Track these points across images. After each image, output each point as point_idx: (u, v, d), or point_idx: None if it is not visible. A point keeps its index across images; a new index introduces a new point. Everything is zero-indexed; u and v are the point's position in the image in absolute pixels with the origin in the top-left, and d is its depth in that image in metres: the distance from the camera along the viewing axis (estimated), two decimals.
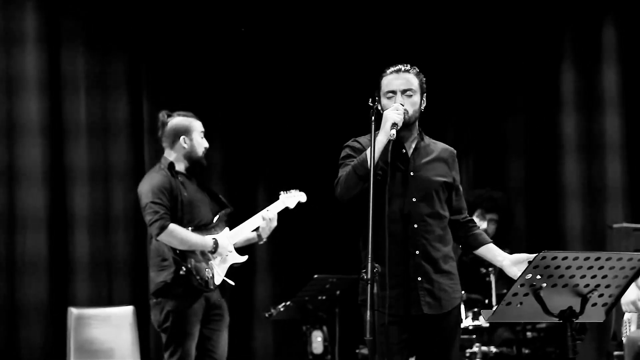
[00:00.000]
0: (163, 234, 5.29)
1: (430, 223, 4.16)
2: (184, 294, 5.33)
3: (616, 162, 7.60)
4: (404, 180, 4.17)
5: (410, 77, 4.25)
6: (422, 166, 4.22)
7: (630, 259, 3.76)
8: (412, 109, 4.20)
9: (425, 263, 4.12)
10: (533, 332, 6.63)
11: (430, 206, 4.17)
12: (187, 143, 5.52)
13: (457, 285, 4.25)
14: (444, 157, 4.30)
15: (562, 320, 3.82)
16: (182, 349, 5.34)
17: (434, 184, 4.20)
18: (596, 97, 7.74)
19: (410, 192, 4.15)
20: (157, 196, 5.34)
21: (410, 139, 4.26)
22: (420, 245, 4.12)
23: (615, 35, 7.69)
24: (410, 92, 4.21)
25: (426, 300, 4.11)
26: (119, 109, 7.66)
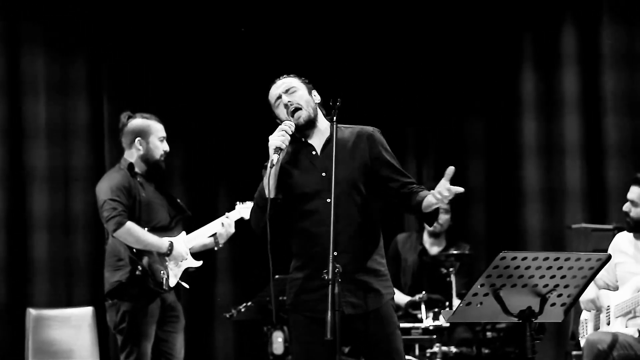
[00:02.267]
0: (120, 230, 5.27)
1: (349, 222, 4.10)
2: (140, 294, 5.31)
3: (575, 164, 7.67)
4: (318, 182, 4.13)
5: (287, 79, 4.27)
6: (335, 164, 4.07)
7: (588, 259, 3.80)
8: (303, 101, 4.18)
9: (345, 262, 3.98)
10: (492, 332, 6.67)
11: (348, 203, 4.11)
12: (143, 145, 5.49)
13: (385, 282, 4.17)
14: (359, 141, 4.21)
15: (521, 320, 3.84)
16: (139, 349, 5.33)
17: (349, 180, 4.13)
18: (556, 100, 7.79)
19: (324, 193, 4.09)
20: (116, 194, 5.33)
21: (317, 136, 4.21)
22: (339, 245, 3.99)
23: (574, 39, 7.75)
24: (293, 88, 4.22)
25: (349, 301, 4.05)
26: (79, 110, 7.62)
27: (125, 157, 5.53)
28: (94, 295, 7.20)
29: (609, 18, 7.59)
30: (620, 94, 7.53)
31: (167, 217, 5.54)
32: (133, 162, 5.49)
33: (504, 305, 3.80)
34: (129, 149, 5.53)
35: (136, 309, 5.32)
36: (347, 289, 4.03)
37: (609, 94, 7.56)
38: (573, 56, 7.73)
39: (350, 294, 4.07)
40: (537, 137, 7.83)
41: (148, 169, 5.52)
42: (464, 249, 7.14)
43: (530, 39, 7.94)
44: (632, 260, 5.61)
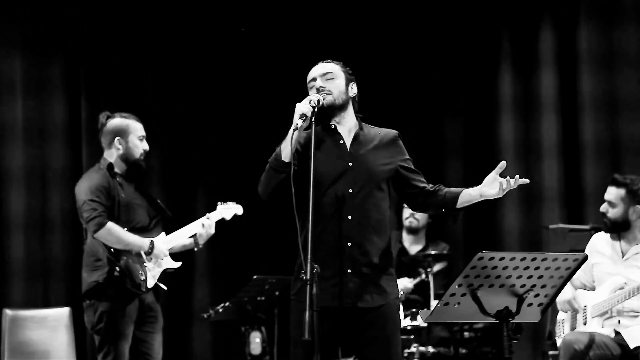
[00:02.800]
0: (101, 231, 5.25)
1: (367, 215, 4.11)
2: (117, 295, 5.29)
3: (553, 164, 7.70)
4: (343, 171, 4.14)
5: (330, 64, 4.27)
6: (362, 156, 4.18)
7: (565, 259, 3.81)
8: (336, 90, 4.20)
9: (357, 255, 4.07)
10: (470, 332, 6.69)
11: (368, 197, 4.13)
12: (122, 145, 5.46)
13: (392, 281, 4.18)
14: (385, 142, 4.26)
15: (498, 320, 3.85)
16: (116, 350, 5.30)
17: (374, 174, 4.16)
18: (533, 100, 7.82)
19: (347, 183, 4.12)
20: (95, 194, 5.31)
21: (348, 127, 4.24)
22: (353, 237, 4.07)
23: (552, 40, 7.78)
24: (331, 75, 4.22)
25: (355, 293, 4.06)
26: (56, 111, 7.60)
27: (104, 157, 5.51)
28: (71, 295, 7.17)
29: (586, 19, 7.63)
30: (597, 95, 7.57)
31: (146, 218, 5.52)
32: (113, 162, 5.47)
33: (481, 306, 3.81)
34: (109, 149, 5.51)
35: (114, 309, 5.30)
36: (354, 281, 4.06)
37: (586, 94, 7.60)
38: (550, 57, 7.77)
39: (359, 286, 4.08)
40: (514, 137, 7.86)
41: (128, 168, 5.50)
42: (442, 248, 7.15)
43: (508, 40, 7.97)
44: (608, 260, 5.64)
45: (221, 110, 8.10)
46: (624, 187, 5.60)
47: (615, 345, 5.41)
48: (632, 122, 7.45)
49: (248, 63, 8.08)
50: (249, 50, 8.08)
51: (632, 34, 7.48)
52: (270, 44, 8.05)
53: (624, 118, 7.49)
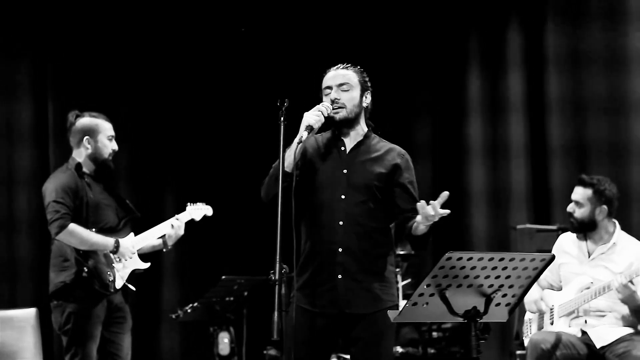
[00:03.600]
0: (62, 234, 5.22)
1: (359, 221, 4.12)
2: (85, 296, 5.26)
3: (520, 165, 7.74)
4: (337, 177, 4.15)
5: (348, 72, 4.26)
6: (358, 164, 4.18)
7: (532, 260, 3.83)
8: (350, 103, 4.20)
9: (348, 261, 4.09)
10: (438, 332, 6.71)
11: (361, 204, 4.13)
12: (91, 144, 5.43)
13: (388, 288, 4.18)
14: (388, 157, 4.25)
15: (466, 320, 3.86)
16: (83, 351, 5.28)
17: (367, 182, 4.16)
18: (501, 101, 7.86)
19: (340, 189, 4.13)
20: (61, 195, 5.27)
21: (352, 136, 4.24)
22: (344, 243, 4.09)
23: (519, 40, 7.82)
24: (347, 86, 4.21)
25: (347, 299, 4.08)
26: (23, 112, 7.55)
27: (73, 157, 5.47)
28: (38, 296, 7.13)
29: (553, 20, 7.67)
30: (564, 96, 7.61)
31: (115, 218, 5.49)
32: (81, 161, 5.43)
33: (449, 306, 3.81)
34: (77, 148, 5.47)
35: (82, 310, 5.27)
36: (348, 287, 4.08)
37: (553, 95, 7.65)
38: (518, 58, 7.80)
39: (351, 292, 4.09)
40: (482, 138, 7.89)
41: (96, 168, 5.47)
42: (410, 249, 7.17)
43: (476, 41, 8.00)
44: (575, 260, 5.68)
45: (190, 110, 8.08)
46: (591, 187, 5.64)
47: (582, 345, 5.45)
48: (599, 123, 7.50)
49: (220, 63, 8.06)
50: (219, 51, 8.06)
51: (598, 35, 7.53)
52: None
53: (591, 119, 7.53)
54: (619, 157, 7.41)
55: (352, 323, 4.11)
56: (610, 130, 7.48)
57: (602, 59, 7.52)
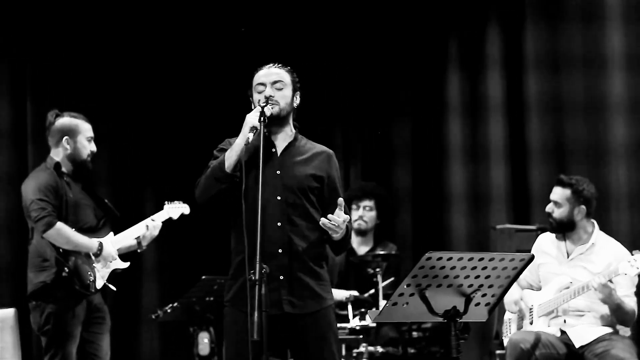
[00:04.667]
0: (50, 231, 5.19)
1: (296, 222, 4.14)
2: (65, 296, 5.24)
3: (500, 166, 7.76)
4: (271, 179, 4.15)
5: (281, 71, 4.26)
6: (291, 165, 4.20)
7: (512, 260, 3.85)
8: (283, 101, 4.20)
9: (289, 261, 4.10)
10: (418, 331, 6.71)
11: (297, 204, 4.15)
12: (70, 145, 5.41)
13: (326, 287, 4.20)
14: (318, 157, 4.27)
15: (446, 320, 3.88)
16: (63, 351, 5.26)
17: (301, 183, 4.17)
18: (481, 102, 7.88)
19: (276, 190, 4.14)
20: (44, 194, 5.24)
21: (282, 136, 4.25)
22: (284, 243, 4.10)
23: (498, 41, 7.84)
24: (281, 84, 4.22)
25: (289, 299, 4.09)
26: (2, 112, 7.51)
27: (51, 156, 5.44)
28: (17, 296, 7.09)
29: (531, 21, 7.70)
30: (543, 97, 7.64)
31: (94, 218, 5.47)
32: (59, 161, 5.41)
33: (429, 305, 3.83)
34: (56, 148, 5.45)
35: (61, 310, 5.25)
36: (287, 287, 4.09)
37: (532, 97, 7.67)
38: (497, 59, 7.83)
39: (292, 292, 4.10)
40: (462, 139, 7.91)
41: (74, 168, 5.44)
42: (390, 249, 7.18)
43: (455, 42, 8.01)
44: (554, 260, 5.70)
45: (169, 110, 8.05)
46: (570, 188, 5.67)
47: (561, 345, 5.47)
48: (578, 124, 7.54)
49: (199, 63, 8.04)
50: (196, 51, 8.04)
51: (576, 36, 7.56)
52: None
53: (570, 120, 7.57)
54: (597, 158, 7.45)
55: (295, 323, 4.11)
56: (589, 131, 7.51)
57: (581, 60, 7.55)
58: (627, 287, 5.49)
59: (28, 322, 5.44)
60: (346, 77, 8.21)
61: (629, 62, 7.41)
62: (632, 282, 5.51)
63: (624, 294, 5.45)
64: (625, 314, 5.45)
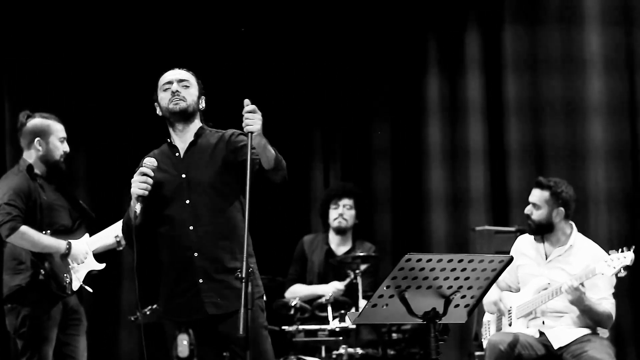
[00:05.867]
0: (13, 236, 5.16)
1: (209, 222, 4.15)
2: (41, 299, 5.22)
3: (479, 168, 7.78)
4: (179, 184, 4.19)
5: (186, 72, 4.34)
6: (195, 165, 4.21)
7: (491, 261, 3.86)
8: (190, 98, 4.26)
9: (206, 263, 4.11)
10: (398, 333, 6.72)
11: (207, 204, 4.16)
12: (42, 146, 5.38)
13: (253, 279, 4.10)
14: (219, 146, 4.27)
15: (426, 321, 3.88)
16: (39, 354, 5.24)
17: (209, 181, 4.19)
18: (460, 104, 7.90)
19: (183, 195, 4.17)
20: (12, 198, 5.20)
21: (186, 138, 4.28)
22: (199, 246, 4.12)
23: (477, 43, 7.86)
24: (187, 83, 4.29)
25: (211, 301, 4.11)
26: None
27: (24, 158, 5.41)
28: None
29: (510, 22, 7.73)
30: (522, 99, 7.67)
31: (69, 220, 5.44)
32: (32, 162, 5.37)
33: (409, 307, 3.83)
34: (28, 150, 5.41)
35: (37, 313, 5.23)
36: (210, 289, 4.11)
37: (511, 98, 7.70)
38: (477, 61, 7.84)
39: (214, 293, 4.13)
40: (441, 141, 7.92)
41: (48, 169, 5.41)
42: (369, 249, 7.18)
43: (435, 44, 8.02)
44: (533, 262, 5.72)
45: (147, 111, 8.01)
46: (548, 190, 5.69)
47: (540, 346, 5.49)
48: (556, 126, 7.57)
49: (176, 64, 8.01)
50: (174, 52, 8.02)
51: (555, 38, 7.60)
52: None
53: (549, 122, 7.60)
54: (576, 160, 7.48)
55: (221, 324, 4.12)
56: (567, 133, 7.55)
57: (560, 62, 7.59)
58: (605, 289, 5.51)
59: (5, 324, 5.41)
60: (326, 78, 8.21)
61: (607, 64, 7.45)
62: (610, 284, 5.53)
63: (602, 297, 5.48)
64: (597, 316, 5.47)
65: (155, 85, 4.43)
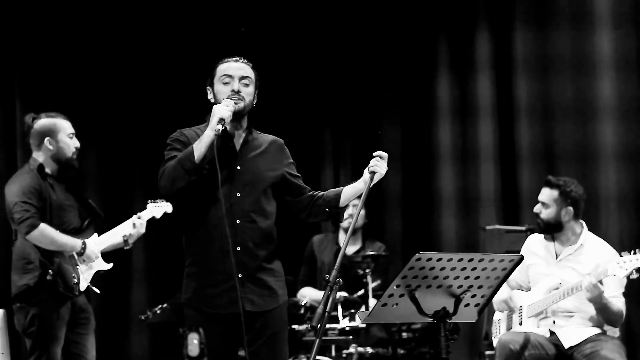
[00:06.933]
0: (33, 233, 5.17)
1: (255, 219, 4.13)
2: (49, 298, 5.23)
3: (489, 168, 7.78)
4: (231, 174, 4.14)
5: (248, 67, 4.25)
6: (250, 160, 4.20)
7: (501, 260, 3.85)
8: (248, 98, 4.20)
9: (247, 259, 4.10)
10: (408, 332, 6.73)
11: (256, 201, 4.15)
12: (53, 145, 5.39)
13: (282, 282, 4.22)
14: (272, 149, 4.28)
15: (436, 320, 3.88)
16: (48, 353, 5.26)
17: (262, 179, 4.18)
18: (470, 105, 7.90)
19: (236, 187, 4.13)
20: (27, 196, 5.23)
21: (240, 132, 4.24)
22: (243, 241, 4.10)
23: (488, 44, 7.86)
24: (248, 81, 4.21)
25: (249, 298, 4.09)
26: None
27: (34, 157, 5.42)
28: (4, 297, 7.07)
29: (521, 24, 7.72)
30: (532, 100, 7.66)
31: (78, 219, 5.46)
32: (43, 162, 5.39)
33: (419, 306, 3.83)
34: (38, 150, 5.42)
35: (45, 312, 5.24)
36: (249, 285, 4.09)
37: (521, 99, 7.69)
38: (487, 62, 7.85)
39: (252, 291, 4.11)
40: (451, 141, 7.93)
41: (60, 168, 5.43)
42: (379, 248, 7.19)
43: (445, 45, 8.03)
44: (543, 261, 5.72)
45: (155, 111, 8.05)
46: (558, 189, 5.68)
47: (550, 345, 5.49)
48: (567, 127, 7.56)
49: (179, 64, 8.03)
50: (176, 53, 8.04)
51: (566, 39, 7.58)
52: None
53: (559, 123, 7.59)
54: (586, 160, 7.46)
55: (251, 321, 4.11)
56: (578, 134, 7.53)
57: (570, 64, 7.57)
58: (615, 288, 5.51)
59: None
60: (337, 79, 8.23)
61: (618, 65, 7.44)
62: (621, 283, 5.53)
63: (612, 295, 5.47)
64: (612, 314, 5.47)
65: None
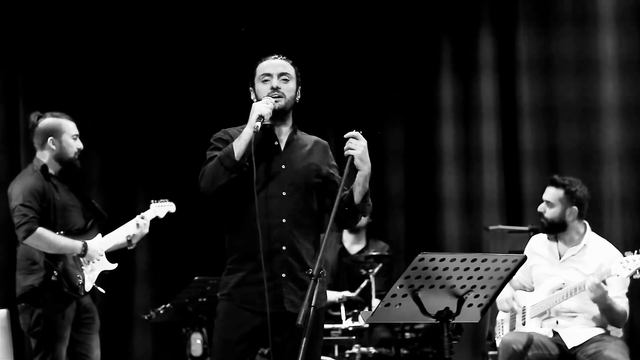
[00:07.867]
0: (30, 238, 5.17)
1: (299, 219, 4.10)
2: (54, 299, 5.23)
3: (493, 169, 7.78)
4: (276, 173, 4.12)
5: (287, 64, 4.23)
6: (295, 159, 4.17)
7: (504, 260, 3.85)
8: (288, 94, 4.17)
9: (291, 259, 4.07)
10: (411, 332, 6.73)
11: (301, 201, 4.12)
12: (56, 144, 5.39)
13: (323, 285, 4.12)
14: (316, 149, 4.26)
15: (439, 320, 3.88)
16: (53, 353, 5.26)
17: (306, 178, 4.15)
18: (473, 106, 7.90)
19: (280, 185, 4.10)
20: (27, 199, 5.21)
21: (284, 131, 4.21)
22: (289, 241, 4.07)
23: (491, 46, 7.86)
24: (287, 76, 4.18)
25: (290, 298, 4.06)
26: None
27: (37, 158, 5.42)
28: (9, 297, 7.08)
29: (524, 25, 7.72)
30: (536, 101, 7.66)
31: (82, 220, 5.46)
32: (46, 162, 5.39)
33: (422, 306, 3.83)
34: (41, 150, 5.42)
35: (51, 312, 5.25)
36: (291, 285, 4.06)
37: (525, 101, 7.69)
38: (490, 63, 7.85)
39: (294, 291, 4.07)
40: (455, 142, 7.93)
41: (62, 168, 5.42)
42: (382, 248, 7.19)
43: (448, 45, 8.03)
44: (546, 262, 5.71)
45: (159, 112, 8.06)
46: (563, 188, 5.68)
47: (554, 345, 5.49)
48: (570, 128, 7.56)
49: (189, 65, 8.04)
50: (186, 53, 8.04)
51: (569, 40, 7.58)
52: None
53: (562, 124, 7.59)
54: (590, 161, 7.46)
55: (289, 322, 4.04)
56: (581, 135, 7.53)
57: (573, 65, 7.57)
58: (619, 289, 5.51)
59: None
60: (340, 79, 8.23)
61: (622, 66, 7.43)
62: (624, 284, 5.53)
63: (615, 295, 5.47)
64: (616, 314, 5.46)
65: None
